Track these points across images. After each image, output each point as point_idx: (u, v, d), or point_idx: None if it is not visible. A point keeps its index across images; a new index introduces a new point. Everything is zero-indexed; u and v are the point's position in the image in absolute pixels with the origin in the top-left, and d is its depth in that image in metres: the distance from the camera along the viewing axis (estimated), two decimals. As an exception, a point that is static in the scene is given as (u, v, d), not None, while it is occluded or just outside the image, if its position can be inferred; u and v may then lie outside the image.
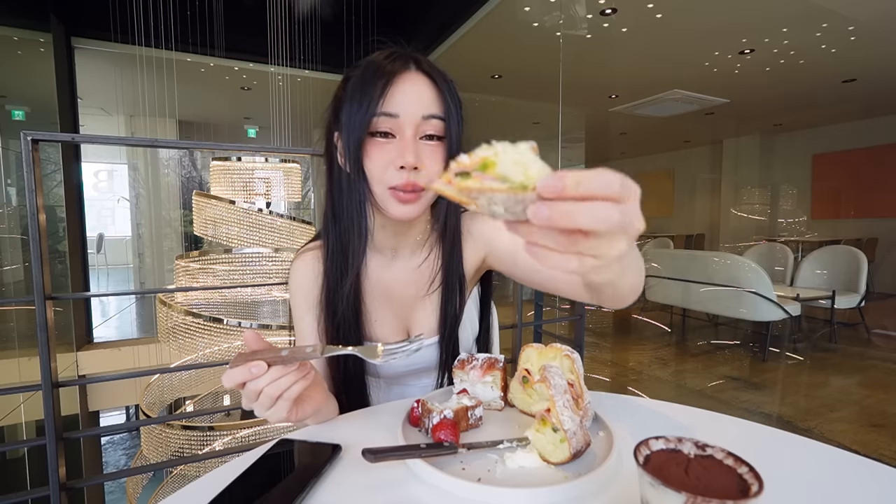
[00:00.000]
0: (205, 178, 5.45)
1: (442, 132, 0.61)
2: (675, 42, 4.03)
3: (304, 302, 0.71)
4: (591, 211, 0.26)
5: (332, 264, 0.67)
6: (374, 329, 0.71)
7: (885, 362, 3.63)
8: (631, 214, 0.27)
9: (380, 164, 0.59)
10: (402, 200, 0.60)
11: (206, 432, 1.92)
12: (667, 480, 0.31)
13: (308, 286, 0.70)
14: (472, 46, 4.16)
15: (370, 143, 0.60)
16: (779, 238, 6.69)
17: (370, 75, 0.59)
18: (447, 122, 0.61)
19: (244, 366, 0.47)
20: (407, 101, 0.58)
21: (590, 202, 0.26)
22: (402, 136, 0.59)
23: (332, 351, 0.50)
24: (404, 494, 0.44)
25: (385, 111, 0.58)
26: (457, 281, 0.71)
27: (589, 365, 3.71)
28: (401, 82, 0.59)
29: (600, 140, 8.18)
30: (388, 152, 0.59)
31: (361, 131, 0.58)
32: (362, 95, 0.58)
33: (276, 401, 0.49)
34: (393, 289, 0.72)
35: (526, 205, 0.27)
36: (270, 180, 2.14)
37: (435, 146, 0.61)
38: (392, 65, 0.59)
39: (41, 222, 0.94)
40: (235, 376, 0.47)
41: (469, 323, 0.76)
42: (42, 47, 3.59)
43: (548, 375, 0.50)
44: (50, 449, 0.96)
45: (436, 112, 0.60)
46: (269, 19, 3.37)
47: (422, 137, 0.60)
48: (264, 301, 2.35)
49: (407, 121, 0.59)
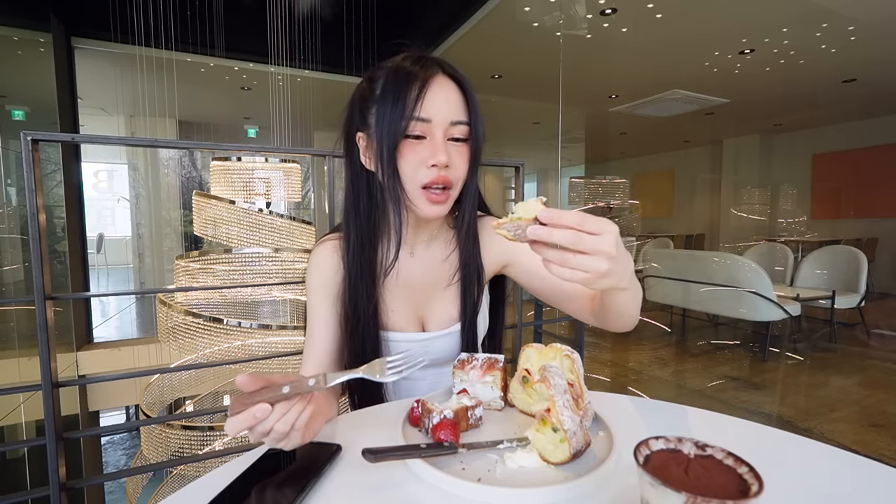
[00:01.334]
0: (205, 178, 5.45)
1: (467, 135, 0.65)
2: (675, 42, 4.03)
3: (322, 290, 0.71)
4: (561, 234, 0.43)
5: (353, 259, 0.69)
6: (391, 319, 0.73)
7: (885, 362, 3.63)
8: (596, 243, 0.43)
9: (413, 163, 0.63)
10: (433, 201, 0.64)
11: (206, 432, 1.92)
12: (667, 480, 0.31)
13: (329, 275, 0.71)
14: (472, 47, 4.16)
15: (403, 145, 0.63)
16: (779, 238, 6.69)
17: (403, 80, 0.62)
18: (471, 127, 0.65)
19: (247, 412, 0.44)
20: (439, 107, 0.62)
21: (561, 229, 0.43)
22: (432, 137, 0.63)
23: (335, 379, 0.48)
24: (404, 494, 0.44)
25: (420, 116, 0.61)
26: (475, 273, 0.74)
27: (589, 365, 3.71)
28: (433, 88, 0.62)
29: (600, 140, 8.18)
30: (419, 153, 0.63)
31: (398, 135, 0.61)
32: (396, 100, 0.61)
33: (287, 434, 0.47)
34: (410, 280, 0.74)
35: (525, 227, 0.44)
36: (270, 180, 2.14)
37: (461, 147, 0.65)
38: (423, 71, 0.62)
39: (41, 222, 0.94)
40: (239, 424, 0.44)
41: (482, 318, 0.78)
42: (42, 47, 3.59)
43: (548, 375, 0.50)
44: (50, 449, 0.96)
45: (462, 118, 0.64)
46: (269, 19, 3.37)
47: (448, 139, 0.64)
48: (264, 301, 2.35)
49: (438, 125, 0.62)
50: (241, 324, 1.98)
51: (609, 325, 0.66)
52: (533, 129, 7.18)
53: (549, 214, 0.43)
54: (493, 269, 0.77)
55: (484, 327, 0.80)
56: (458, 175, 0.65)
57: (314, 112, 4.22)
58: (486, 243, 0.76)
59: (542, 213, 0.43)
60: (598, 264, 0.44)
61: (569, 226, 0.42)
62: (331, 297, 0.71)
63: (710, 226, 8.63)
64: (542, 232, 0.43)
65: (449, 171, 0.63)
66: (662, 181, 9.58)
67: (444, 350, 0.75)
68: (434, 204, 0.64)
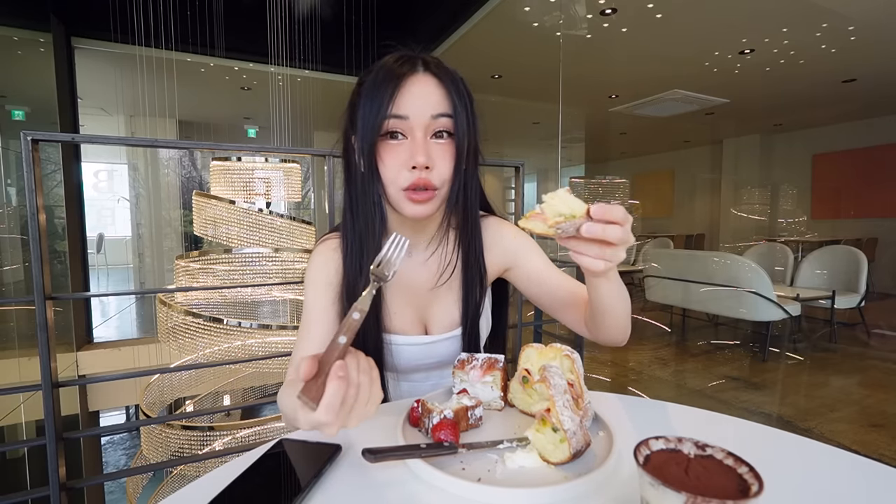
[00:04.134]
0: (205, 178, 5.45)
1: (452, 129, 0.63)
2: (675, 42, 4.03)
3: (323, 286, 0.70)
4: (614, 230, 0.45)
5: (350, 259, 0.69)
6: (393, 321, 0.72)
7: (885, 362, 3.63)
8: (629, 234, 0.47)
9: (392, 166, 0.62)
10: (415, 201, 0.62)
11: (206, 432, 1.92)
12: (667, 480, 0.31)
13: (330, 272, 0.71)
14: (471, 46, 4.16)
15: (383, 146, 0.62)
16: (779, 238, 6.69)
17: (381, 79, 0.61)
18: (455, 119, 0.62)
19: (332, 382, 0.38)
20: (415, 103, 0.61)
21: (613, 225, 0.45)
22: (412, 137, 0.61)
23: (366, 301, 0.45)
24: (404, 494, 0.44)
25: (395, 113, 0.60)
26: (477, 274, 0.73)
27: (589, 365, 3.71)
28: (409, 84, 0.61)
29: (600, 140, 8.18)
30: (399, 154, 0.61)
31: (374, 134, 0.61)
32: (373, 99, 0.60)
33: (370, 387, 0.42)
34: (411, 282, 0.73)
35: (577, 226, 0.46)
36: (270, 180, 2.14)
37: (445, 144, 0.63)
38: (401, 68, 0.61)
39: (41, 222, 0.94)
40: (333, 399, 0.38)
41: (484, 320, 0.77)
42: (42, 47, 3.59)
43: (548, 375, 0.50)
44: (50, 449, 0.96)
45: (443, 110, 0.62)
46: (269, 19, 3.37)
47: (433, 136, 0.62)
48: (264, 301, 2.35)
49: (416, 122, 0.61)
50: (241, 324, 1.98)
51: (601, 332, 0.66)
52: (533, 129, 7.18)
53: (601, 211, 0.44)
54: (496, 271, 0.77)
55: (487, 329, 0.79)
56: (441, 176, 0.62)
57: (314, 112, 4.21)
58: (489, 245, 0.75)
59: (595, 211, 0.45)
60: (621, 254, 0.48)
61: (618, 221, 0.45)
62: (331, 294, 0.70)
63: (710, 226, 8.62)
64: (597, 229, 0.45)
65: (430, 172, 0.61)
66: (662, 181, 9.57)
67: (447, 353, 0.74)
68: (416, 204, 0.62)
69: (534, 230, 0.48)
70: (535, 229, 0.47)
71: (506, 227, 0.77)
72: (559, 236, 0.47)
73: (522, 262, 0.75)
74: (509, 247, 0.75)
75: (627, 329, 0.65)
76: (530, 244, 0.76)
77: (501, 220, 0.79)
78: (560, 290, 0.72)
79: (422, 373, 0.76)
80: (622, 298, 0.60)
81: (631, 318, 0.65)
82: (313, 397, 0.39)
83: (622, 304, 0.61)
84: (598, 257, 0.47)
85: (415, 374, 0.76)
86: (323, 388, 0.39)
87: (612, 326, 0.64)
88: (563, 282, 0.73)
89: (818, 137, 7.29)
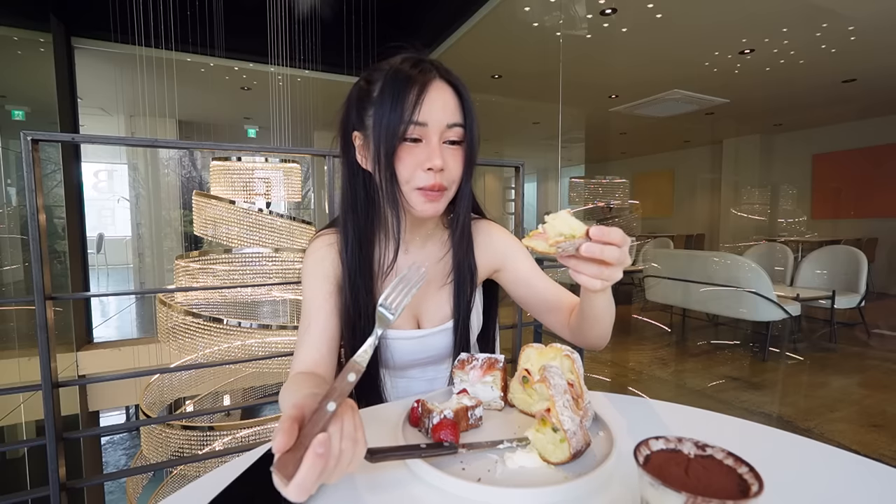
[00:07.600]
0: (205, 178, 5.45)
1: (462, 137, 0.67)
2: (675, 42, 4.03)
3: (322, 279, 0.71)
4: (611, 251, 0.48)
5: (352, 256, 0.70)
6: None
7: (885, 362, 3.63)
8: (626, 255, 0.49)
9: (409, 166, 0.64)
10: (428, 199, 0.65)
11: (206, 432, 1.92)
12: (667, 480, 0.31)
13: (327, 266, 0.72)
14: (472, 46, 4.16)
15: (400, 148, 0.64)
16: (779, 238, 6.69)
17: (401, 84, 0.62)
18: (466, 129, 0.66)
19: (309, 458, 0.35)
20: (435, 111, 0.63)
21: (611, 246, 0.47)
22: (428, 141, 0.64)
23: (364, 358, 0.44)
24: (404, 494, 0.44)
25: (417, 120, 0.62)
26: (468, 273, 0.75)
27: (589, 365, 3.71)
28: (430, 92, 0.63)
29: (600, 140, 8.17)
30: (416, 156, 0.64)
31: (396, 138, 0.62)
32: (395, 103, 0.62)
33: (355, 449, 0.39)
34: None
35: (577, 245, 0.48)
36: (270, 180, 2.14)
37: (456, 149, 0.67)
38: (421, 75, 0.63)
39: (41, 222, 0.94)
40: (309, 476, 0.35)
41: (475, 315, 0.79)
42: (42, 47, 3.59)
43: (548, 375, 0.50)
44: (50, 449, 0.96)
45: (458, 121, 0.65)
46: (269, 19, 3.37)
47: (444, 142, 0.65)
48: (264, 301, 2.35)
49: (434, 129, 0.63)
50: (241, 324, 1.98)
51: (584, 337, 0.69)
52: (533, 129, 7.18)
53: (600, 233, 0.47)
54: (485, 271, 0.79)
55: (477, 326, 0.80)
56: (452, 177, 0.66)
57: (314, 112, 4.22)
58: (479, 246, 0.77)
59: (594, 232, 0.47)
60: (618, 274, 0.50)
61: (616, 243, 0.48)
62: (329, 286, 0.71)
63: (710, 226, 8.62)
64: (595, 249, 0.47)
65: (444, 174, 0.64)
66: (662, 181, 9.57)
67: (438, 347, 0.75)
68: (429, 202, 0.65)
69: (536, 248, 0.50)
70: (537, 247, 0.49)
71: (496, 230, 0.79)
72: (560, 255, 0.50)
73: (511, 265, 0.77)
74: (499, 249, 0.78)
75: (609, 335, 0.69)
76: (519, 248, 0.78)
77: (491, 223, 0.81)
78: (546, 293, 0.75)
79: (417, 368, 0.77)
80: (610, 309, 0.64)
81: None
82: (287, 474, 0.34)
83: (610, 315, 0.64)
84: (596, 276, 0.50)
85: (410, 370, 0.77)
86: (299, 464, 0.35)
87: (598, 334, 0.67)
88: (549, 286, 0.76)
89: (818, 137, 7.29)
